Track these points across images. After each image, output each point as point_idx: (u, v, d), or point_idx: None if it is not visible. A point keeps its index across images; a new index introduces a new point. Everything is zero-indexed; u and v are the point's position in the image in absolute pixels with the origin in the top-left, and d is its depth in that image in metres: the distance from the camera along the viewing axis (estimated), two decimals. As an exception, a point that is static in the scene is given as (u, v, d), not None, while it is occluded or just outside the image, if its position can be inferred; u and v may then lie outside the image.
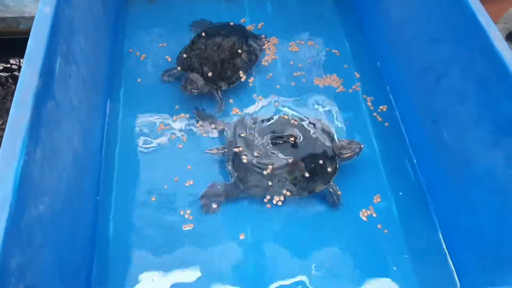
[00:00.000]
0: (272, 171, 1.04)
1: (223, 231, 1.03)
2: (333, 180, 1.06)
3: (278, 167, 1.05)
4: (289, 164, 1.05)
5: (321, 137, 1.11)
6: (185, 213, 1.04)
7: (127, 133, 1.17)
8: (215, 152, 1.12)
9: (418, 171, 1.15)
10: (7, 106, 1.25)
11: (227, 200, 1.06)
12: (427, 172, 1.12)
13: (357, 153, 1.08)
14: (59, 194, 0.77)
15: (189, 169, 1.11)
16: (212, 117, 1.20)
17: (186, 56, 1.25)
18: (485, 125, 0.90)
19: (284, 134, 1.10)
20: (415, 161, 1.17)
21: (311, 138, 1.10)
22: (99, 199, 1.04)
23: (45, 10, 0.80)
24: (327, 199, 1.07)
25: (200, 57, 1.23)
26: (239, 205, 1.07)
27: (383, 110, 1.27)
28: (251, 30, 1.44)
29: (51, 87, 0.77)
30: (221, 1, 1.53)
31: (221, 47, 1.25)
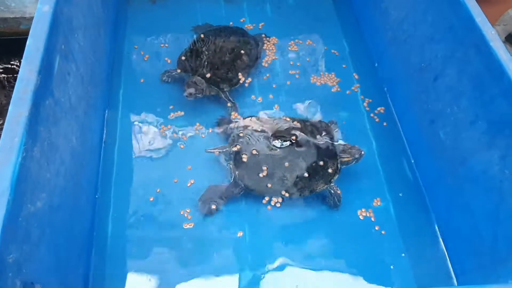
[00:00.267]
0: (267, 173, 1.05)
1: (223, 231, 1.03)
2: (334, 181, 1.07)
3: (277, 166, 1.05)
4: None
5: (322, 138, 1.11)
6: (184, 213, 1.04)
7: (126, 132, 1.18)
8: (217, 153, 1.13)
9: (415, 170, 1.15)
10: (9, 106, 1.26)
11: (228, 200, 1.06)
12: (425, 171, 1.13)
13: (356, 159, 1.08)
14: (56, 191, 0.78)
15: (189, 169, 1.12)
16: (231, 121, 1.19)
17: (186, 58, 1.25)
18: (480, 125, 0.90)
19: (285, 134, 1.10)
20: (412, 161, 1.17)
21: (313, 139, 1.10)
22: (97, 197, 1.04)
23: (44, 8, 0.81)
24: (327, 200, 1.07)
25: (200, 60, 1.23)
26: (239, 206, 1.07)
27: (381, 110, 1.28)
28: (250, 29, 1.45)
29: (50, 85, 0.78)
30: (220, 2, 1.54)
31: (221, 49, 1.25)
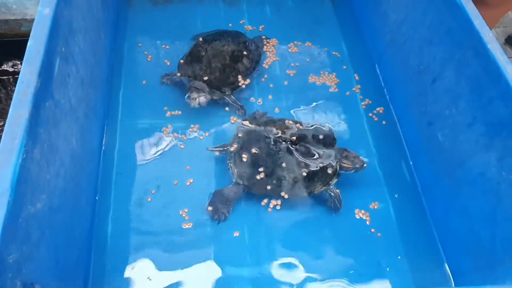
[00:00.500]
0: (266, 174, 1.06)
1: (222, 232, 1.03)
2: (333, 184, 1.07)
3: (276, 166, 1.06)
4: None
5: (323, 141, 1.11)
6: (183, 213, 1.05)
7: (126, 133, 1.18)
8: (217, 153, 1.13)
9: (413, 172, 1.16)
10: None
11: (235, 202, 1.07)
12: (422, 173, 1.13)
13: (356, 169, 1.07)
14: (56, 192, 0.78)
15: (188, 169, 1.12)
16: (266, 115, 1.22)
17: (186, 63, 1.25)
18: (478, 127, 0.90)
19: (286, 135, 1.11)
20: (411, 163, 1.18)
21: (313, 141, 1.11)
22: (97, 198, 1.05)
23: (44, 11, 0.81)
24: (328, 203, 1.08)
25: (201, 64, 1.23)
26: (239, 207, 1.08)
27: (380, 111, 1.28)
28: (249, 30, 1.45)
29: (50, 87, 0.78)
30: (220, 4, 1.54)
31: (221, 53, 1.25)
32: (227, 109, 1.25)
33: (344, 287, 0.97)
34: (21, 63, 0.74)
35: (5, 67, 1.65)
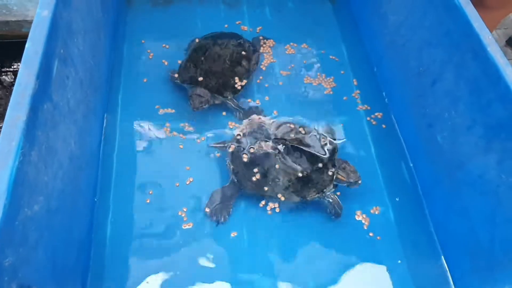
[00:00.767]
0: (261, 175, 1.05)
1: (221, 233, 1.03)
2: (329, 191, 1.05)
3: (272, 168, 1.06)
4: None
5: (323, 148, 1.10)
6: (182, 213, 1.05)
7: (125, 134, 1.18)
8: (218, 153, 1.13)
9: (414, 174, 1.15)
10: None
11: (234, 202, 1.07)
12: (422, 175, 1.13)
13: (350, 183, 1.05)
14: (54, 194, 0.78)
15: (188, 169, 1.12)
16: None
17: (185, 69, 1.25)
18: (477, 129, 0.90)
19: (285, 138, 1.10)
20: (411, 165, 1.17)
21: (313, 148, 1.09)
22: (96, 200, 1.05)
23: (43, 13, 0.81)
24: (328, 210, 1.06)
25: (201, 70, 1.22)
26: (238, 208, 1.07)
27: (378, 115, 1.28)
28: (245, 30, 1.45)
29: (48, 89, 0.78)
30: (220, 5, 1.54)
31: (220, 57, 1.25)
32: (224, 113, 1.24)
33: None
34: (23, 65, 0.74)
35: (6, 68, 1.65)
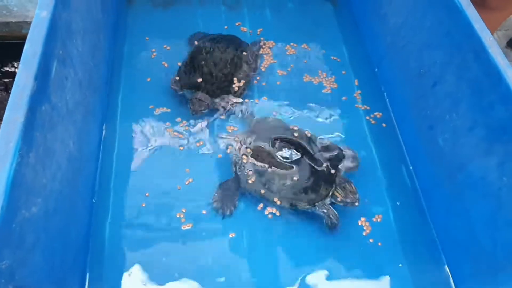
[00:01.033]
0: (255, 180, 1.05)
1: (220, 235, 1.03)
2: (324, 204, 1.02)
3: (270, 171, 1.05)
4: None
5: (326, 161, 1.07)
6: (182, 215, 1.04)
7: (125, 136, 1.17)
8: (229, 138, 1.14)
9: (414, 177, 1.15)
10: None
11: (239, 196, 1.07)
12: (423, 178, 1.12)
13: (346, 203, 1.02)
14: (52, 196, 0.77)
15: (188, 171, 1.12)
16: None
17: (186, 74, 1.24)
18: (479, 131, 0.90)
19: (286, 138, 1.10)
20: (411, 167, 1.17)
21: (316, 156, 1.08)
22: (94, 201, 1.04)
23: (42, 14, 0.81)
24: (324, 222, 1.03)
25: (201, 74, 1.22)
26: (238, 210, 1.07)
27: (380, 116, 1.27)
28: (244, 31, 1.45)
29: (47, 90, 0.78)
30: (221, 7, 1.54)
31: (221, 61, 1.24)
32: (222, 117, 1.24)
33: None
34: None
35: (6, 69, 1.65)
